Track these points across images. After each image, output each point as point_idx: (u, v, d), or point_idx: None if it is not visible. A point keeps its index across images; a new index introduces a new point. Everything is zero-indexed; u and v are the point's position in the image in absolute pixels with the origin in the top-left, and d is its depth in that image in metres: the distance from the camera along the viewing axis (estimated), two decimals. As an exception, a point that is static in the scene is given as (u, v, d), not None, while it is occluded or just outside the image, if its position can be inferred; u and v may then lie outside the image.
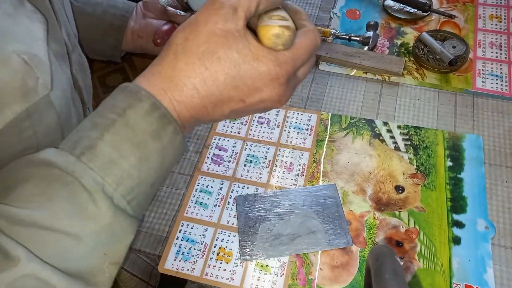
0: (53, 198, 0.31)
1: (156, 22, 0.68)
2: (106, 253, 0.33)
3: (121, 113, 0.32)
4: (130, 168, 0.32)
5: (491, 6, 0.84)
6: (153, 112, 0.33)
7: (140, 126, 0.32)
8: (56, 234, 0.31)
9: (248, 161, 0.66)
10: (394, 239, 0.57)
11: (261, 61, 0.33)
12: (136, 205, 0.34)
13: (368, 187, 0.62)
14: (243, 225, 0.59)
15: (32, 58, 0.40)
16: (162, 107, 0.33)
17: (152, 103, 0.33)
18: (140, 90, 0.33)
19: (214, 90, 0.33)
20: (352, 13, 0.86)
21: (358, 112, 0.71)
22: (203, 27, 0.33)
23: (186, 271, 0.57)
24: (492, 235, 0.57)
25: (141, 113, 0.32)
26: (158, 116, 0.33)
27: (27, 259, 0.29)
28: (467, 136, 0.66)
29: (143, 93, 0.33)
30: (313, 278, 0.55)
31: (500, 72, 0.74)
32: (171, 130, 0.34)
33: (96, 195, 0.31)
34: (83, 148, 0.32)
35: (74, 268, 0.31)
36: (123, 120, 0.32)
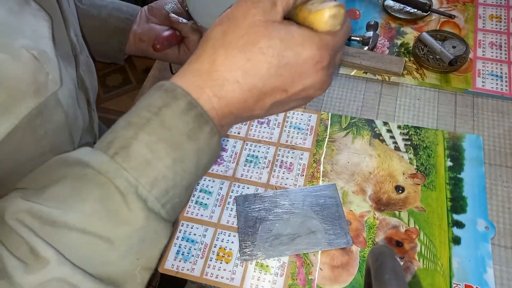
0: (86, 199, 0.30)
1: (159, 28, 0.68)
2: (138, 258, 0.32)
3: (157, 112, 0.31)
4: (165, 169, 0.31)
5: (491, 6, 0.84)
6: (190, 111, 0.32)
7: (176, 125, 0.31)
8: (87, 236, 0.30)
9: (248, 161, 0.66)
10: (394, 239, 0.57)
11: (304, 46, 0.32)
12: (170, 209, 0.33)
13: (368, 187, 0.62)
14: (243, 225, 0.59)
15: (41, 53, 0.39)
16: (199, 105, 0.32)
17: (188, 102, 0.32)
18: (176, 88, 0.32)
19: (256, 81, 0.32)
20: (352, 13, 0.86)
21: (358, 112, 0.71)
22: (242, 20, 0.32)
23: (186, 271, 0.57)
24: (492, 235, 0.57)
25: (177, 112, 0.31)
26: (195, 115, 0.32)
27: (57, 261, 0.28)
28: (467, 136, 0.66)
29: (179, 91, 0.32)
30: (313, 278, 0.55)
31: (500, 72, 0.74)
32: (208, 130, 0.32)
33: (129, 197, 0.30)
34: (117, 148, 0.31)
35: (105, 273, 0.30)
36: (159, 119, 0.31)
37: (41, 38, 0.41)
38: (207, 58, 0.33)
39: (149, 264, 0.33)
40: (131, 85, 1.89)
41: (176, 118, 0.31)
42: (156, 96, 0.32)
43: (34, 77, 0.39)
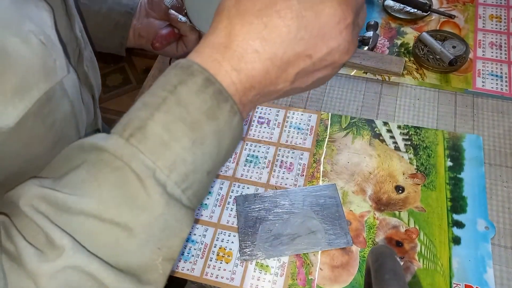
0: (102, 185, 0.29)
1: (158, 23, 0.68)
2: (159, 248, 0.30)
3: (172, 90, 0.29)
4: (183, 151, 0.29)
5: (491, 6, 0.84)
6: (207, 88, 0.30)
7: (193, 103, 0.29)
8: (104, 224, 0.28)
9: (248, 161, 0.66)
10: (394, 239, 0.57)
11: (324, 3, 0.30)
12: (192, 195, 0.31)
13: (368, 187, 0.62)
14: (243, 225, 0.59)
15: (48, 39, 0.39)
16: (217, 82, 0.30)
17: (205, 78, 0.30)
18: (192, 65, 0.30)
19: (277, 48, 0.30)
20: (352, 13, 0.85)
21: (358, 112, 0.71)
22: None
23: (186, 271, 0.57)
24: (492, 235, 0.57)
25: (193, 89, 0.29)
26: (213, 92, 0.30)
27: (72, 249, 0.27)
28: (467, 136, 0.66)
29: (195, 67, 0.30)
30: (313, 278, 0.55)
31: (500, 72, 0.74)
32: (227, 108, 0.30)
33: (147, 181, 0.28)
34: (133, 129, 0.29)
35: (124, 263, 0.29)
36: (175, 98, 0.29)
37: (45, 26, 0.41)
38: (223, 30, 0.31)
39: (171, 254, 0.31)
40: (131, 85, 1.89)
41: (193, 95, 0.29)
42: (172, 74, 0.31)
43: (43, 62, 0.38)
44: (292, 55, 0.31)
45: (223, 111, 0.30)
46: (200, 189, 0.31)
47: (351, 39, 0.32)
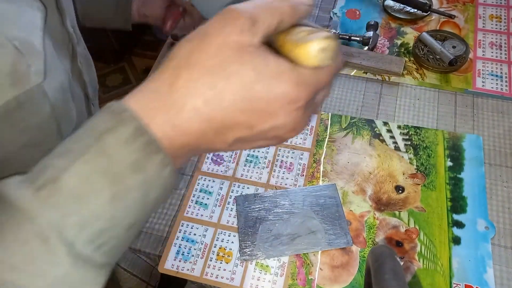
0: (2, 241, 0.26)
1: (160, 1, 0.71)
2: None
3: (98, 138, 0.27)
4: (100, 207, 0.27)
5: (491, 6, 0.84)
6: (137, 139, 0.27)
7: (119, 154, 0.27)
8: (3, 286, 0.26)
9: (248, 161, 0.66)
10: (394, 239, 0.57)
11: (279, 80, 0.28)
12: (109, 251, 0.28)
13: (368, 187, 0.62)
14: (243, 225, 0.59)
15: (24, 44, 0.39)
16: (149, 132, 0.27)
17: (136, 127, 0.27)
18: (124, 111, 0.27)
19: (218, 113, 0.28)
20: (352, 13, 0.86)
21: (358, 112, 0.71)
22: (214, 38, 0.28)
23: (186, 271, 0.57)
24: (492, 235, 0.57)
25: (121, 139, 0.27)
26: (143, 143, 0.27)
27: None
28: (467, 136, 0.66)
29: (127, 114, 0.27)
30: (313, 278, 0.55)
31: (500, 72, 0.74)
32: (157, 161, 0.28)
33: (52, 240, 0.26)
34: (45, 179, 0.26)
35: None
36: (99, 146, 0.27)
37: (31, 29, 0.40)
38: (167, 79, 0.28)
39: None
40: (131, 85, 1.89)
41: (120, 145, 0.27)
42: (101, 118, 0.28)
43: (12, 68, 0.38)
44: (232, 122, 0.29)
45: (152, 162, 0.28)
46: (119, 245, 0.29)
47: (300, 119, 0.30)
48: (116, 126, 0.27)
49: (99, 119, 0.28)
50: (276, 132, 0.30)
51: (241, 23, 0.28)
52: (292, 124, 0.30)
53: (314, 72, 0.29)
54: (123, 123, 0.27)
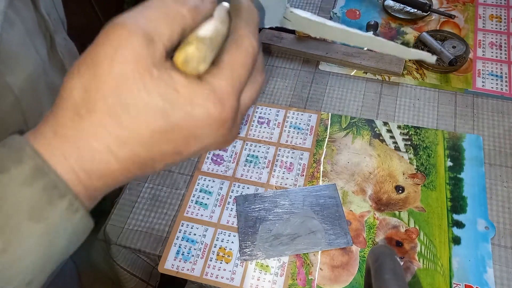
0: None
1: None
2: None
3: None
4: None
5: (491, 6, 0.84)
6: (37, 181, 0.23)
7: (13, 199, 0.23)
8: None
9: (248, 161, 0.66)
10: (394, 239, 0.57)
11: (194, 103, 0.24)
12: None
13: (368, 187, 0.62)
14: (243, 225, 0.59)
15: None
16: (51, 172, 0.23)
17: (35, 167, 0.23)
18: (24, 147, 0.23)
19: (139, 150, 0.25)
20: (352, 13, 0.86)
21: (358, 112, 0.71)
22: (108, 70, 0.23)
23: (186, 271, 0.57)
24: (492, 235, 0.57)
25: (17, 181, 0.23)
26: (44, 186, 0.23)
27: None
28: (467, 136, 0.66)
29: (27, 151, 0.23)
30: (313, 278, 0.55)
31: (500, 72, 0.74)
32: (64, 206, 0.24)
33: None
34: None
35: None
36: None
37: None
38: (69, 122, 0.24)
39: None
40: (131, 85, 1.90)
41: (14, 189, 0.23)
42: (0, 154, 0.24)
43: None
44: (158, 154, 0.25)
45: (56, 209, 0.23)
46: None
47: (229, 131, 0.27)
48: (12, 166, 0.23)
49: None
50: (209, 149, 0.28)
51: (135, 44, 0.23)
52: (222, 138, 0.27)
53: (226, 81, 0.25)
54: (21, 162, 0.23)
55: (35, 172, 0.23)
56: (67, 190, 0.24)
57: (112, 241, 0.60)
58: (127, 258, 0.64)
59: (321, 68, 0.77)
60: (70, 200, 0.24)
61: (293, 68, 0.78)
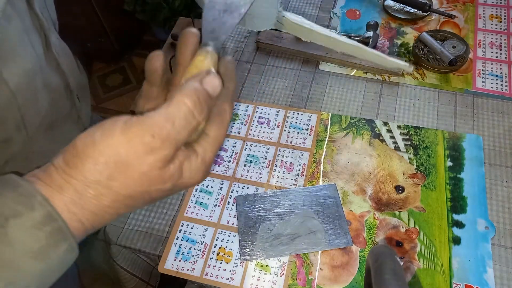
0: None
1: None
2: None
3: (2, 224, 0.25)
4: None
5: (491, 6, 0.84)
6: (46, 226, 0.26)
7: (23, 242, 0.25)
8: None
9: (248, 161, 0.66)
10: (394, 239, 0.57)
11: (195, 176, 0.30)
12: None
13: (368, 187, 0.62)
14: (243, 225, 0.59)
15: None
16: (60, 219, 0.26)
17: (47, 214, 0.26)
18: (35, 195, 0.26)
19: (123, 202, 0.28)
20: (352, 13, 0.86)
21: (358, 112, 0.71)
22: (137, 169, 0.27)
23: (186, 271, 0.57)
24: (492, 235, 0.57)
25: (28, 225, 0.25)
26: (51, 230, 0.26)
27: None
28: (467, 136, 0.66)
29: (38, 199, 0.26)
30: (313, 278, 0.55)
31: (500, 72, 0.74)
32: (64, 247, 0.27)
33: None
34: None
35: None
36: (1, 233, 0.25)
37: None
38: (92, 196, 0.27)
39: None
40: (131, 85, 1.89)
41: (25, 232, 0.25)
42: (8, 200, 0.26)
43: None
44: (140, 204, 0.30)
45: (58, 250, 0.27)
46: None
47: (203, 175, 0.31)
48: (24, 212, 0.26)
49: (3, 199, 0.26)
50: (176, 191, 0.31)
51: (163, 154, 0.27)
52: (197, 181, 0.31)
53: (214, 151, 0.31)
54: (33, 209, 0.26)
55: (45, 219, 0.26)
56: (69, 233, 0.27)
57: (112, 241, 0.60)
58: (127, 258, 0.64)
59: (321, 68, 0.77)
60: (71, 243, 0.27)
61: (293, 68, 0.78)
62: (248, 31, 0.85)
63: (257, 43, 0.81)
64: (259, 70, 0.78)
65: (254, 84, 0.76)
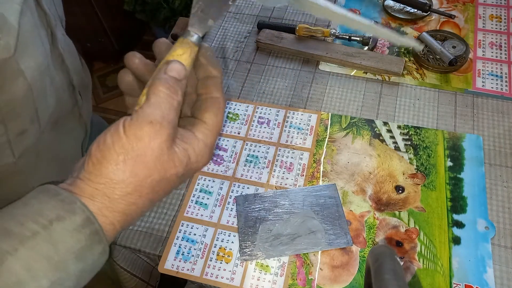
0: None
1: None
2: None
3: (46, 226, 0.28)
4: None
5: (491, 6, 0.84)
6: (85, 228, 0.29)
7: (66, 242, 0.28)
8: None
9: (248, 161, 0.66)
10: (394, 239, 0.57)
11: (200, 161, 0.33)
12: None
13: (368, 187, 0.62)
14: (243, 225, 0.59)
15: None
16: (96, 222, 0.29)
17: (86, 217, 0.29)
18: (75, 201, 0.29)
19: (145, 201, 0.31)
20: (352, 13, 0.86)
21: (358, 112, 0.71)
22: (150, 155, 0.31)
23: (186, 271, 0.57)
24: (492, 235, 0.57)
25: (70, 228, 0.28)
26: (90, 233, 0.29)
27: None
28: (467, 136, 0.66)
29: (78, 205, 0.29)
30: (313, 278, 0.55)
31: (500, 72, 0.74)
32: (99, 250, 0.30)
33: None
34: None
35: None
36: (47, 234, 0.27)
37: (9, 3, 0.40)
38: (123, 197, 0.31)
39: None
40: (131, 85, 1.89)
41: (67, 234, 0.28)
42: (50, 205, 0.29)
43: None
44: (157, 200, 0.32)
45: (94, 252, 0.29)
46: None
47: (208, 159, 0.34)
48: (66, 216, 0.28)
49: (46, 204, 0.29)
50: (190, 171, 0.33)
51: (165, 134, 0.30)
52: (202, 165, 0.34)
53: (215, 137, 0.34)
54: (74, 213, 0.28)
55: (85, 222, 0.29)
56: (104, 236, 0.30)
57: (112, 241, 0.60)
58: (127, 258, 0.63)
59: (321, 68, 0.77)
60: (104, 245, 0.30)
61: (293, 68, 0.78)
62: (248, 31, 0.85)
63: (257, 43, 0.81)
64: (259, 70, 0.78)
65: (254, 84, 0.76)
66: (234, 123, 0.71)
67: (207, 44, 0.90)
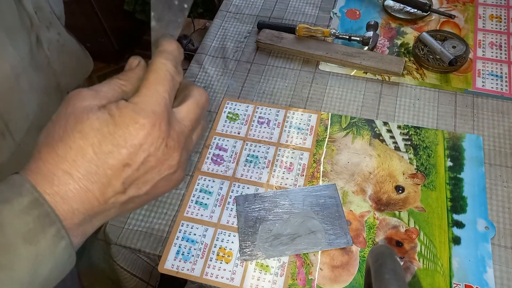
0: None
1: None
2: None
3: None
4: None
5: (491, 6, 0.84)
6: (32, 210, 0.28)
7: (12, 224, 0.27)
8: None
9: (248, 161, 0.66)
10: (394, 239, 0.57)
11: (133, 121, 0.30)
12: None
13: (368, 187, 0.62)
14: (243, 225, 0.59)
15: None
16: (46, 203, 0.28)
17: (34, 199, 0.28)
18: (24, 183, 0.28)
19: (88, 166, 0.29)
20: (352, 13, 0.86)
21: (358, 112, 0.71)
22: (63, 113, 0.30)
23: (186, 271, 0.57)
24: (492, 235, 0.57)
25: (16, 209, 0.27)
26: (38, 214, 0.28)
27: None
28: (467, 136, 0.66)
29: (26, 187, 0.28)
30: (313, 278, 0.55)
31: (500, 72, 0.74)
32: (52, 232, 0.28)
33: None
34: None
35: None
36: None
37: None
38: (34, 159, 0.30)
39: None
40: (131, 85, 1.89)
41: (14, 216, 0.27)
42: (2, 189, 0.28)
43: None
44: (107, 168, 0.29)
45: (46, 235, 0.28)
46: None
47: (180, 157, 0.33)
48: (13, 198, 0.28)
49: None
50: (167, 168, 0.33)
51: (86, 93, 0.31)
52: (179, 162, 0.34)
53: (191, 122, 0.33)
54: (21, 194, 0.28)
55: (32, 203, 0.28)
56: (56, 218, 0.28)
57: (112, 241, 0.60)
58: (127, 258, 0.63)
59: (321, 68, 0.77)
60: (58, 227, 0.28)
61: (293, 68, 0.78)
62: (248, 31, 0.85)
63: (257, 43, 0.81)
64: (259, 70, 0.78)
65: (254, 84, 0.76)
66: (234, 123, 0.71)
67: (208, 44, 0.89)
